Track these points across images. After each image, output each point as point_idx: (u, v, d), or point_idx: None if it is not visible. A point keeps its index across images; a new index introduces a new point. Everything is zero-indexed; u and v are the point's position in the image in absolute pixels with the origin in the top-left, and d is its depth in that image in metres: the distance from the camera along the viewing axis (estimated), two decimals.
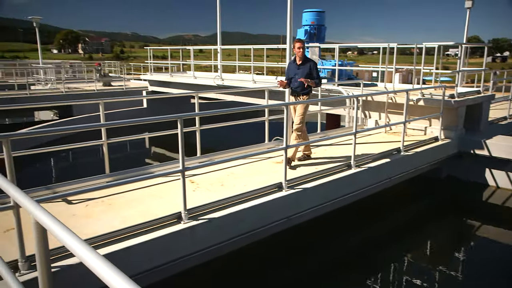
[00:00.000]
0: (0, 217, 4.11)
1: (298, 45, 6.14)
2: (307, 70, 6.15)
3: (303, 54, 6.21)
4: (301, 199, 5.24)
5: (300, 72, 6.18)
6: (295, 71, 6.28)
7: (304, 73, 6.13)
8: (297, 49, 6.15)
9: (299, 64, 6.23)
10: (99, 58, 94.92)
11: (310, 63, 6.21)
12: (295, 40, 6.25)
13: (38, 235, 1.54)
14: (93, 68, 22.63)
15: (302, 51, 6.15)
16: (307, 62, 6.23)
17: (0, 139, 3.06)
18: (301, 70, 6.18)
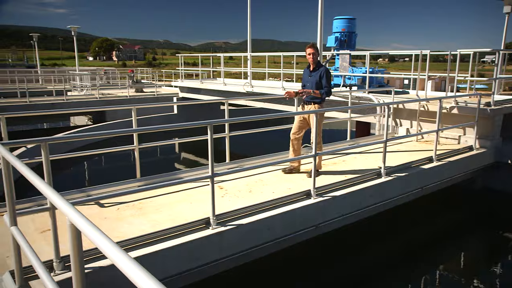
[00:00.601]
0: (36, 218, 4.27)
1: (309, 51, 5.77)
2: (317, 78, 5.78)
3: (315, 60, 5.83)
4: (330, 207, 5.17)
5: (311, 80, 5.86)
6: (307, 78, 5.97)
7: (314, 81, 5.80)
8: (308, 55, 5.79)
9: (312, 71, 5.89)
10: (132, 65, 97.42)
11: (321, 70, 5.80)
12: (307, 46, 5.86)
13: (73, 237, 1.58)
14: (126, 75, 23.26)
15: (313, 57, 5.77)
16: (319, 69, 5.83)
17: (39, 142, 3.18)
18: (312, 78, 5.85)
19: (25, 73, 27.82)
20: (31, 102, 16.42)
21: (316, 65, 5.85)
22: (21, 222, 2.88)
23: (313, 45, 5.82)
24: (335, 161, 6.93)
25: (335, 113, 10.56)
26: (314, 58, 5.77)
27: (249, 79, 14.40)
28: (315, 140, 5.48)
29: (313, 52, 5.74)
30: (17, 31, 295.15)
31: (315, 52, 5.76)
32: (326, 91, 5.78)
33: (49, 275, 2.12)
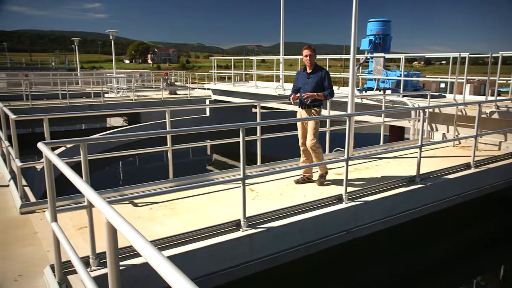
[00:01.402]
0: (74, 216, 4.43)
1: (305, 53, 5.52)
2: (318, 80, 5.51)
3: (313, 62, 5.57)
4: (362, 212, 5.09)
5: (310, 82, 5.54)
6: (304, 80, 5.63)
7: (313, 83, 5.50)
8: (304, 57, 5.54)
9: (309, 73, 5.60)
10: (166, 68, 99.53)
11: (321, 72, 5.56)
12: (303, 48, 5.59)
13: (109, 235, 1.63)
14: (161, 77, 23.74)
15: (310, 59, 5.52)
16: (319, 71, 5.57)
17: (78, 143, 3.30)
18: (312, 80, 5.54)
19: (66, 75, 28.97)
20: (71, 103, 17.06)
21: (314, 68, 5.60)
22: (60, 219, 2.99)
23: (310, 46, 5.57)
24: (367, 165, 6.81)
25: (368, 117, 10.39)
26: (311, 60, 5.54)
27: (281, 82, 14.39)
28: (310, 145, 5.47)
29: (310, 54, 5.51)
30: (60, 36, 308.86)
31: (312, 54, 5.53)
32: (330, 92, 5.54)
33: (86, 271, 2.19)
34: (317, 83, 5.50)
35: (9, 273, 3.24)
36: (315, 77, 5.53)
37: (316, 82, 5.51)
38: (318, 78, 5.52)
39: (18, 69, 44.46)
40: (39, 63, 56.80)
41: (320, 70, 5.59)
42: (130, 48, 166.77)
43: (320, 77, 5.52)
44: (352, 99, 6.96)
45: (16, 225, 4.24)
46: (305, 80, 5.62)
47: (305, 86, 5.58)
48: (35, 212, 4.62)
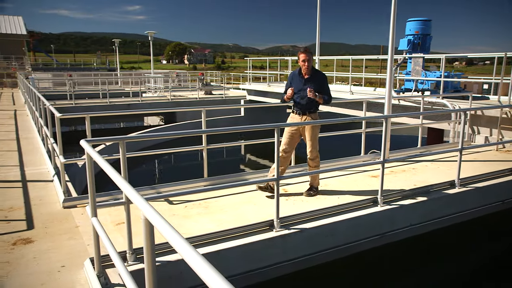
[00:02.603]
0: (112, 211, 4.58)
1: (302, 57, 5.06)
2: (317, 86, 5.10)
3: (310, 67, 5.14)
4: (397, 216, 4.97)
5: (307, 89, 5.10)
6: (300, 87, 5.18)
7: (312, 88, 5.08)
8: (301, 62, 5.09)
9: (307, 78, 5.16)
10: (202, 68, 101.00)
11: (319, 78, 5.18)
12: (299, 52, 5.14)
13: (146, 231, 1.68)
14: (197, 78, 24.14)
15: (308, 64, 5.08)
16: (317, 76, 5.20)
17: (118, 140, 3.41)
18: (310, 86, 5.11)
19: (107, 76, 29.98)
20: (110, 102, 17.65)
21: (312, 72, 5.19)
22: (99, 214, 3.10)
23: (307, 50, 5.15)
24: (404, 168, 6.65)
25: (405, 119, 10.14)
26: (309, 64, 5.10)
27: None
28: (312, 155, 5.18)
29: (308, 59, 5.07)
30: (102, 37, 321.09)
31: (310, 59, 5.09)
32: (330, 97, 5.22)
33: (124, 265, 2.27)
34: (317, 88, 5.08)
35: (54, 264, 3.40)
36: (314, 82, 5.13)
37: (315, 87, 5.09)
38: (317, 83, 5.13)
39: (63, 69, 46.51)
40: (82, 64, 59.25)
41: (318, 74, 5.22)
42: (167, 49, 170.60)
43: (318, 84, 5.13)
44: (389, 100, 6.81)
45: (59, 218, 4.44)
46: (300, 86, 5.17)
47: (300, 92, 5.15)
48: (77, 206, 4.81)
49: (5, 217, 4.45)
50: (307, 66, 5.08)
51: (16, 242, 3.82)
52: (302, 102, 5.16)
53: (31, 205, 4.85)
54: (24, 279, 3.16)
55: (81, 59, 74.84)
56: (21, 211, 4.65)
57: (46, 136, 6.92)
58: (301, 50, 5.11)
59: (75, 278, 3.18)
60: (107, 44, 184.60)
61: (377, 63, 50.51)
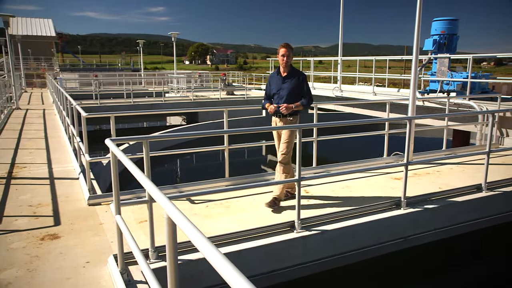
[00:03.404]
0: (135, 209, 4.66)
1: (282, 52, 4.71)
2: (295, 86, 4.76)
3: (289, 63, 4.79)
4: (421, 219, 4.88)
5: (285, 88, 4.79)
6: (279, 86, 4.85)
7: (289, 88, 4.76)
8: (280, 56, 4.74)
9: (284, 77, 4.83)
10: (224, 68, 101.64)
11: (298, 76, 4.81)
12: (280, 46, 4.78)
13: (169, 229, 1.70)
14: (219, 78, 24.29)
15: (287, 59, 4.73)
16: (295, 75, 4.80)
17: (141, 140, 3.47)
18: (287, 85, 4.78)
19: (131, 76, 30.51)
20: (134, 102, 17.96)
21: (290, 70, 4.84)
22: (122, 211, 3.16)
23: (288, 45, 4.77)
24: (428, 171, 6.52)
25: (430, 121, 9.95)
26: (288, 60, 4.75)
27: (339, 84, 14.17)
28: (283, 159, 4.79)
29: (287, 54, 4.72)
30: (127, 38, 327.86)
31: (289, 54, 4.74)
32: (309, 100, 4.84)
33: (146, 263, 2.30)
34: (293, 89, 4.76)
35: (80, 259, 3.49)
36: (291, 82, 4.78)
37: (292, 87, 4.77)
38: (294, 83, 4.78)
39: (89, 70, 47.66)
40: (107, 64, 60.50)
41: (297, 73, 4.83)
42: (190, 50, 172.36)
43: (297, 82, 4.78)
44: (413, 101, 6.69)
45: (84, 215, 4.55)
46: (279, 85, 4.86)
47: (279, 92, 4.84)
48: (101, 204, 4.92)
49: (34, 213, 4.60)
50: (286, 61, 4.74)
51: (44, 237, 3.94)
52: (280, 103, 4.79)
53: (58, 202, 4.99)
54: (51, 273, 3.25)
55: (106, 59, 76.45)
56: (49, 207, 4.78)
57: (72, 135, 7.10)
58: (282, 44, 4.78)
59: (99, 274, 3.25)
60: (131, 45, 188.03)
61: (401, 63, 49.69)
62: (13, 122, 12.20)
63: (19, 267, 3.35)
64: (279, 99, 4.82)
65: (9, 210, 4.70)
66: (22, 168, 6.62)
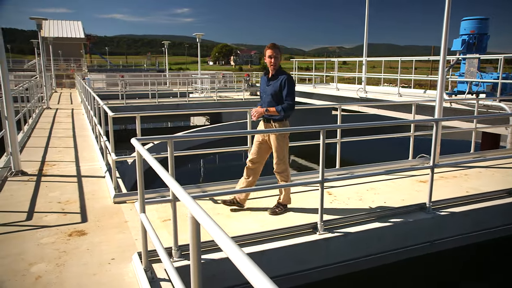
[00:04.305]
0: (159, 208, 4.73)
1: (269, 53, 4.46)
2: (276, 88, 4.44)
3: (277, 65, 4.49)
4: (447, 223, 4.76)
5: (268, 90, 4.50)
6: (264, 88, 4.60)
7: (271, 91, 4.47)
8: (267, 58, 4.49)
9: (269, 79, 4.56)
10: (248, 69, 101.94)
11: (282, 78, 4.45)
12: (266, 47, 4.54)
13: (192, 229, 1.72)
14: (242, 79, 24.38)
15: (274, 61, 4.45)
16: (279, 77, 4.48)
17: (166, 139, 3.51)
18: (270, 88, 4.49)
19: (156, 76, 30.98)
20: (159, 102, 18.23)
21: (276, 72, 4.52)
22: (147, 210, 3.21)
23: (275, 45, 4.51)
24: (455, 174, 6.36)
25: (458, 123, 9.70)
26: (275, 62, 4.46)
27: (363, 85, 13.99)
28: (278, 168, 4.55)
29: (275, 55, 4.45)
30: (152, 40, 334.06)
31: (277, 55, 4.47)
32: (287, 106, 4.43)
33: (170, 261, 2.33)
34: (276, 92, 4.43)
35: (105, 256, 3.56)
36: (274, 84, 4.49)
37: (275, 91, 4.44)
38: (277, 86, 4.45)
39: (115, 70, 48.69)
40: (133, 65, 61.65)
41: (281, 75, 4.50)
42: (214, 50, 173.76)
43: (279, 85, 4.44)
44: (440, 103, 6.54)
45: (110, 213, 4.65)
46: (264, 87, 4.60)
47: (263, 95, 4.60)
48: (126, 202, 5.01)
49: (62, 210, 4.73)
50: (273, 63, 4.46)
51: (71, 233, 4.05)
52: (263, 107, 4.57)
53: (85, 199, 5.11)
54: (78, 268, 3.34)
55: (132, 60, 77.91)
56: (76, 204, 4.91)
57: (99, 134, 7.27)
58: (269, 45, 4.52)
59: (124, 271, 3.31)
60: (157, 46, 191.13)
61: (427, 64, 48.67)
62: (44, 121, 12.59)
63: (49, 261, 3.45)
64: (263, 102, 4.63)
65: (39, 206, 4.85)
66: (51, 166, 6.82)
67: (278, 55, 4.50)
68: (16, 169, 6.24)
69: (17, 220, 4.42)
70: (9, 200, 5.07)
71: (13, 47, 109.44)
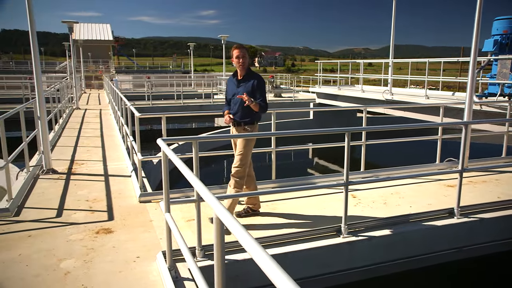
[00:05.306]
0: (183, 208, 4.79)
1: (235, 54, 4.32)
2: (249, 89, 4.29)
3: (246, 65, 4.37)
4: (476, 230, 4.62)
5: (240, 92, 4.33)
6: (233, 90, 4.46)
7: (243, 93, 4.27)
8: (235, 59, 4.35)
9: (240, 81, 4.42)
10: (272, 71, 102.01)
11: (254, 80, 4.33)
12: (232, 48, 4.42)
13: (217, 229, 1.73)
14: (267, 80, 24.41)
15: (242, 61, 4.33)
16: (251, 78, 4.35)
17: (191, 140, 3.55)
18: (242, 89, 4.34)
19: (181, 78, 31.37)
20: (184, 103, 18.45)
21: (246, 73, 4.40)
22: (171, 210, 3.25)
23: (242, 46, 4.43)
24: (484, 178, 6.17)
25: (488, 126, 9.42)
26: (243, 61, 4.34)
27: (389, 87, 13.76)
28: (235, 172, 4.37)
29: (242, 55, 4.32)
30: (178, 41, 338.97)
31: (244, 55, 4.34)
32: (265, 105, 4.33)
33: (194, 261, 2.36)
34: (248, 94, 4.23)
35: (130, 254, 3.64)
36: (245, 86, 4.35)
37: (247, 91, 4.28)
38: (248, 87, 4.32)
39: (142, 72, 49.64)
40: (159, 67, 62.66)
41: (252, 77, 4.38)
42: None
43: (251, 86, 4.31)
44: (469, 105, 6.37)
45: (135, 212, 4.73)
46: (234, 89, 4.47)
47: (234, 97, 4.44)
48: (151, 201, 5.10)
49: (90, 208, 4.85)
50: (242, 63, 4.33)
51: (99, 231, 4.15)
52: (234, 108, 4.45)
53: (111, 198, 5.23)
54: (105, 265, 3.42)
55: (158, 62, 79.20)
56: (103, 203, 5.03)
57: (126, 134, 7.42)
58: (235, 46, 4.42)
59: (148, 269, 3.37)
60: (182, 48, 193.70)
61: (456, 66, 47.41)
62: (73, 121, 12.96)
63: (77, 258, 3.55)
64: (234, 104, 4.45)
65: (68, 204, 4.99)
66: (80, 165, 7.01)
67: (246, 55, 4.38)
68: (47, 168, 6.44)
69: (48, 217, 4.57)
70: (41, 197, 5.25)
71: (46, 50, 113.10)
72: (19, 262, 3.47)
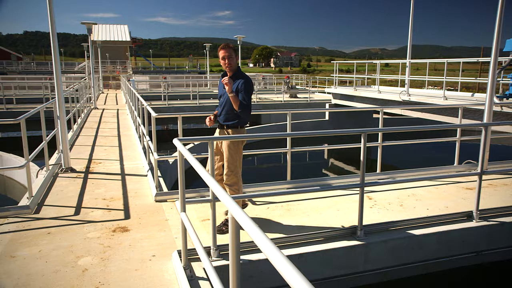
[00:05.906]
0: (198, 208, 4.82)
1: (222, 54, 4.16)
2: (234, 90, 4.14)
3: (233, 66, 4.20)
4: (496, 234, 4.53)
5: (226, 93, 4.20)
6: (222, 91, 4.34)
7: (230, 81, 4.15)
8: (221, 60, 4.20)
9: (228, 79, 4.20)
10: (288, 71, 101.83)
11: (240, 80, 4.18)
12: (219, 48, 4.22)
13: (232, 229, 1.74)
14: (282, 81, 24.37)
15: (229, 61, 4.16)
16: (237, 79, 4.20)
17: (207, 140, 3.56)
18: None
19: (197, 78, 31.57)
20: (200, 104, 18.55)
21: (235, 73, 4.25)
22: (186, 209, 3.27)
23: (228, 45, 4.23)
24: (505, 181, 6.05)
25: (509, 127, 9.22)
26: (231, 62, 4.18)
27: (406, 87, 13.59)
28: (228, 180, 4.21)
29: (228, 55, 4.16)
30: (194, 42, 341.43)
31: (230, 55, 4.17)
32: (246, 104, 4.13)
33: (209, 260, 2.37)
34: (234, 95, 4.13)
35: (146, 253, 3.68)
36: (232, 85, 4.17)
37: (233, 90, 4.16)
38: (234, 88, 4.16)
39: (158, 72, 50.12)
40: (175, 67, 63.17)
41: (240, 77, 4.22)
42: (254, 52, 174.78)
43: (236, 87, 4.16)
44: (490, 106, 6.25)
45: (151, 211, 4.79)
46: (222, 90, 4.35)
47: (221, 98, 4.36)
48: (167, 201, 5.14)
49: (107, 206, 4.93)
50: (228, 63, 4.17)
51: (115, 229, 4.21)
52: (219, 110, 4.35)
53: (128, 197, 5.30)
54: (121, 263, 3.46)
55: (175, 62, 79.83)
56: (120, 202, 5.10)
57: (142, 134, 7.50)
58: (222, 45, 4.24)
59: (164, 268, 3.40)
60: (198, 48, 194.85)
61: (475, 66, 46.56)
62: (91, 121, 13.16)
63: (94, 255, 3.61)
64: (220, 106, 4.36)
65: (86, 202, 5.08)
66: (98, 164, 7.12)
67: (233, 55, 4.21)
68: (66, 166, 6.56)
69: (66, 215, 4.65)
70: (60, 195, 5.35)
71: (66, 51, 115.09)
72: (39, 259, 3.55)
